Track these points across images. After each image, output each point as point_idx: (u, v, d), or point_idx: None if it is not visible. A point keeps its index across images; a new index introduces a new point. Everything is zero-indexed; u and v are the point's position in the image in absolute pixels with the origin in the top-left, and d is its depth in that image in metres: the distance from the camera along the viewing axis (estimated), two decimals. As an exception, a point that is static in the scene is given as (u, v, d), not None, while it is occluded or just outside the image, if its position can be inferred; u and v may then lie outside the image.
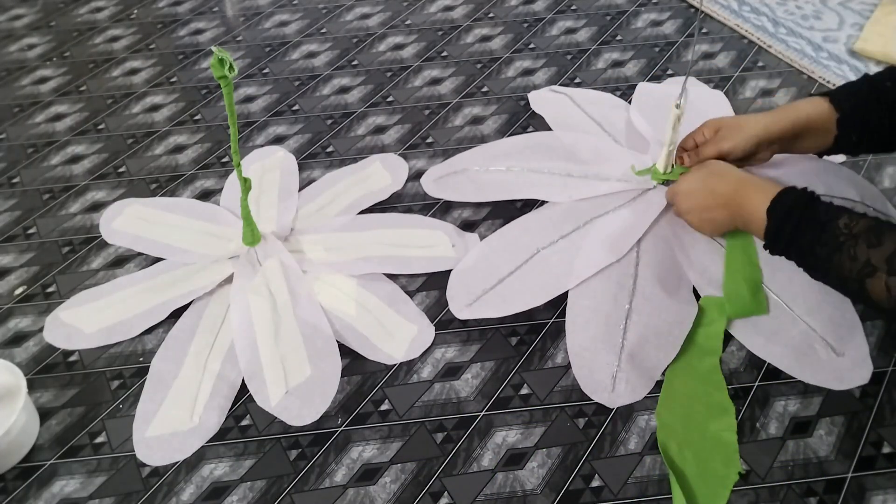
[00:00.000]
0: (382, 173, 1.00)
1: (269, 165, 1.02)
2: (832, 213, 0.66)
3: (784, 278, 0.81)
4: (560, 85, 1.13)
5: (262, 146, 1.06)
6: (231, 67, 0.72)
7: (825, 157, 0.89)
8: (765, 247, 0.72)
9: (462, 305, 0.82)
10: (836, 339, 0.76)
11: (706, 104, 1.05)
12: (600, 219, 0.89)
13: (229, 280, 0.87)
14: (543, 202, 0.93)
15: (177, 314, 0.84)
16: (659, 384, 0.76)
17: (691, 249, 0.85)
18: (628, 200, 0.91)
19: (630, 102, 1.07)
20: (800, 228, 0.67)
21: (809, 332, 0.77)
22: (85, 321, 0.84)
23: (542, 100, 1.10)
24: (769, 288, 0.80)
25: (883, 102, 0.76)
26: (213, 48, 0.71)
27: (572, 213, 0.90)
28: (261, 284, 0.85)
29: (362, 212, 0.95)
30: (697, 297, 0.82)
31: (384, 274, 0.87)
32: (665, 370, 0.76)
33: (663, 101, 1.03)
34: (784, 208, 0.69)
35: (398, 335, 0.81)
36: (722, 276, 0.82)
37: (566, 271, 0.84)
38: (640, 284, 0.83)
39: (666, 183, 0.90)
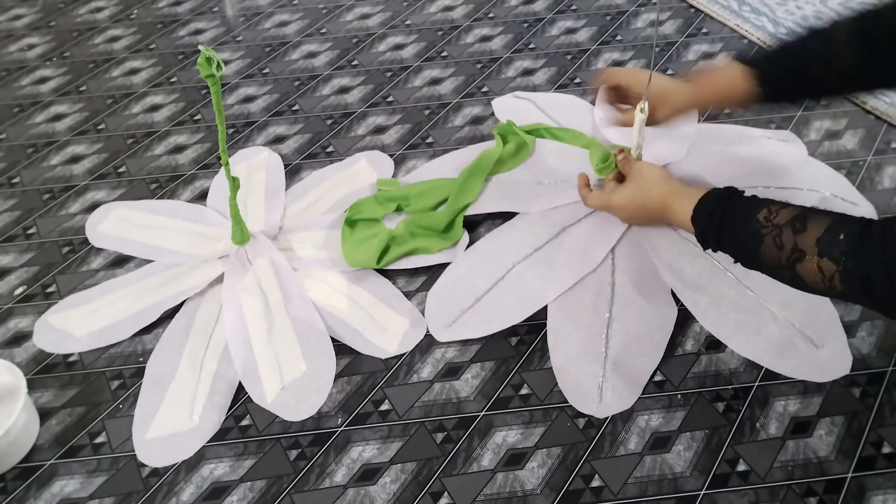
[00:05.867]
0: (368, 170, 1.00)
1: (254, 165, 1.02)
2: (751, 207, 0.66)
3: (759, 276, 0.81)
4: (560, 85, 1.13)
5: (262, 146, 1.06)
6: (219, 66, 0.72)
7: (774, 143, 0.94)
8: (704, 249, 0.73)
9: (441, 327, 0.82)
10: (814, 332, 0.77)
11: None
12: (573, 227, 0.89)
13: (220, 279, 0.87)
14: (514, 213, 0.92)
15: (171, 315, 0.84)
16: (647, 391, 0.75)
17: (665, 252, 0.85)
18: None
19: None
20: (723, 229, 0.68)
21: (788, 327, 0.77)
22: (75, 325, 0.84)
23: (506, 107, 1.09)
24: (746, 286, 0.80)
25: (807, 68, 0.75)
26: (201, 47, 0.71)
27: (544, 224, 0.90)
28: (252, 283, 0.85)
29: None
30: (676, 300, 0.82)
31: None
32: None
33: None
34: (705, 214, 0.70)
35: (390, 329, 0.82)
36: (695, 278, 0.82)
37: (543, 285, 0.83)
38: (618, 291, 0.82)
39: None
